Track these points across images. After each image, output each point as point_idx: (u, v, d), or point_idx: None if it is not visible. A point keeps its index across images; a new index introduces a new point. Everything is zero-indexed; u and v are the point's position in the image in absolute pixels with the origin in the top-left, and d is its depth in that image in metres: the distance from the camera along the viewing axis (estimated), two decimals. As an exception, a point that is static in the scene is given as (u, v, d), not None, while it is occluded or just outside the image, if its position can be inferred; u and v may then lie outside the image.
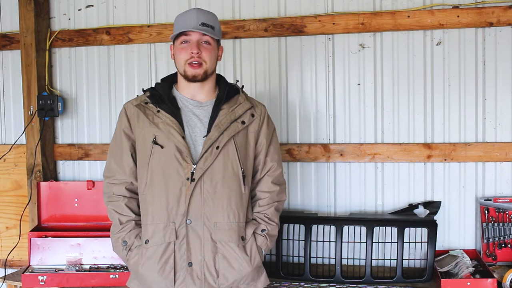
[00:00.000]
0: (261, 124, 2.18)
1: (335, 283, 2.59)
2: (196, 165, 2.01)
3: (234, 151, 2.07)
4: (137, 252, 2.06)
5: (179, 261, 2.02)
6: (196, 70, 2.05)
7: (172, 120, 2.05)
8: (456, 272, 2.49)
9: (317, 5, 2.89)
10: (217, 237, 2.03)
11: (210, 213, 2.02)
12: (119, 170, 2.14)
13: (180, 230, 2.02)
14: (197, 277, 2.01)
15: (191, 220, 2.01)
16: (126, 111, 2.16)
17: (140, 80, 3.13)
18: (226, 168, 2.05)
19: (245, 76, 2.96)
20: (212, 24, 2.08)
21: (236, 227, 2.06)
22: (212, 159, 2.03)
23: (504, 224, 2.67)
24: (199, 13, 2.08)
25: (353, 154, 2.85)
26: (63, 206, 3.02)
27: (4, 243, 3.33)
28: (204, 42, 2.06)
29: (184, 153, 2.02)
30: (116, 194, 2.12)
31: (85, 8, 3.20)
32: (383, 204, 2.87)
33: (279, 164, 2.23)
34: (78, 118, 3.24)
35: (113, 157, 2.18)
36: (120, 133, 2.16)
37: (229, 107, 2.12)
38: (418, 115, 2.81)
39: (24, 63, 3.14)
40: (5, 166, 3.31)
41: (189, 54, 2.05)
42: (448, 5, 2.74)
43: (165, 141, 2.04)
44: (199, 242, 2.02)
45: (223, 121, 2.07)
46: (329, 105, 2.91)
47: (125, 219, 2.10)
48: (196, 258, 2.02)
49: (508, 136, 2.73)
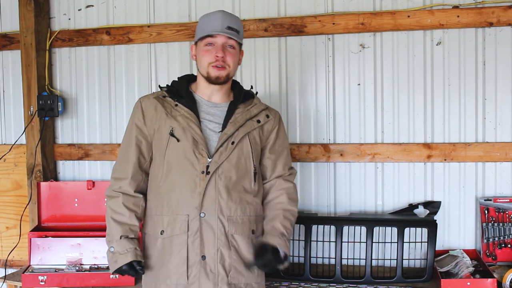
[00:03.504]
0: (275, 126, 2.23)
1: (335, 283, 2.59)
2: (211, 158, 2.03)
3: (248, 148, 2.11)
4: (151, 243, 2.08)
5: (191, 254, 2.02)
6: (220, 71, 2.07)
7: (190, 113, 2.07)
8: (456, 272, 2.49)
9: (317, 5, 2.89)
10: (230, 231, 2.04)
11: (223, 207, 2.03)
12: (123, 167, 2.13)
13: (193, 223, 2.02)
14: (210, 271, 2.02)
15: (205, 213, 2.02)
16: (141, 104, 2.15)
17: (140, 80, 3.13)
18: (240, 163, 2.08)
19: (245, 76, 2.96)
20: (237, 28, 2.10)
21: (247, 221, 2.08)
22: (227, 153, 2.05)
23: (504, 224, 2.67)
24: (225, 16, 2.09)
25: (353, 154, 2.85)
26: (63, 206, 3.02)
27: (4, 243, 3.33)
28: (229, 46, 2.08)
29: (200, 146, 2.03)
30: (116, 191, 2.11)
31: (85, 8, 3.20)
32: (383, 204, 2.87)
33: (291, 167, 2.27)
34: (78, 118, 3.24)
35: (120, 153, 2.17)
36: (131, 128, 2.15)
37: (245, 107, 2.16)
38: (418, 115, 2.81)
39: (24, 63, 3.14)
40: (5, 166, 3.31)
41: (214, 57, 2.06)
42: (448, 5, 2.74)
43: (181, 134, 2.05)
44: (212, 236, 2.02)
45: (238, 118, 2.11)
46: (329, 105, 2.91)
47: (120, 218, 2.07)
48: (209, 251, 2.02)
49: (508, 136, 2.73)
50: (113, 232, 2.06)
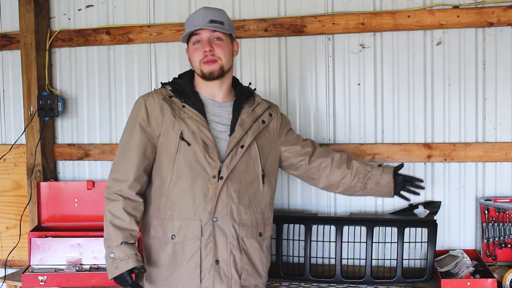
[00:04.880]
0: (280, 122, 2.28)
1: (335, 283, 2.59)
2: (222, 163, 2.02)
3: (256, 151, 2.11)
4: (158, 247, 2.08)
5: (204, 259, 2.01)
6: (211, 66, 2.06)
7: (199, 116, 2.05)
8: (456, 272, 2.49)
9: (317, 5, 2.89)
10: (241, 234, 2.04)
11: (234, 211, 2.03)
12: (124, 168, 2.07)
13: (206, 228, 2.01)
14: (224, 275, 2.02)
15: (217, 218, 2.01)
16: (145, 103, 2.09)
17: (140, 80, 3.13)
18: (249, 166, 2.08)
19: (245, 76, 2.96)
20: (221, 19, 2.08)
21: (255, 224, 2.09)
22: (238, 157, 2.05)
23: (504, 224, 2.67)
24: (207, 11, 2.09)
25: (353, 154, 2.85)
26: (63, 206, 3.01)
27: (4, 243, 3.33)
28: (216, 39, 2.07)
29: (211, 150, 2.02)
30: (116, 193, 2.05)
31: (85, 8, 3.20)
32: (383, 204, 2.87)
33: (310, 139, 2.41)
34: (78, 118, 3.24)
35: (120, 153, 2.11)
36: (134, 127, 2.08)
37: (249, 106, 2.16)
38: (418, 115, 2.81)
39: (24, 63, 3.14)
40: (5, 166, 3.31)
41: (203, 53, 2.05)
42: (448, 5, 2.74)
43: (191, 138, 2.03)
44: (225, 240, 2.02)
45: (246, 120, 2.10)
46: (329, 105, 2.91)
47: (118, 223, 2.02)
48: (222, 255, 2.02)
49: (508, 136, 2.73)
50: (113, 237, 2.00)
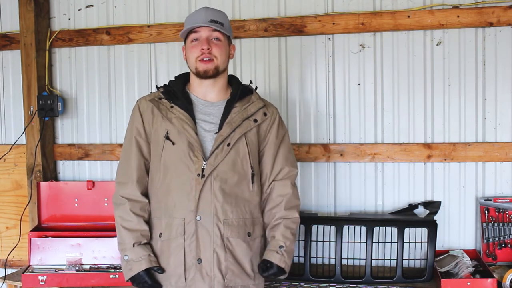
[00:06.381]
0: (271, 125, 2.17)
1: (335, 283, 2.59)
2: (206, 161, 2.02)
3: (245, 149, 2.08)
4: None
5: (188, 257, 2.01)
6: (207, 65, 2.06)
7: (185, 115, 2.06)
8: (456, 272, 2.49)
9: (317, 5, 2.89)
10: (226, 233, 2.03)
11: (219, 210, 2.02)
12: (126, 171, 2.12)
13: (189, 226, 2.01)
14: (206, 274, 2.01)
15: (201, 216, 2.01)
16: (139, 106, 2.15)
17: (140, 80, 3.13)
18: (236, 165, 2.06)
19: (245, 76, 2.96)
20: (221, 21, 2.09)
21: (243, 224, 2.07)
22: (223, 156, 2.03)
23: (504, 224, 2.67)
24: (208, 11, 2.09)
25: (353, 154, 2.85)
26: (63, 206, 3.01)
27: (4, 243, 3.33)
28: (214, 39, 2.07)
29: (195, 148, 2.02)
30: (122, 197, 2.09)
31: (85, 8, 3.20)
32: (383, 204, 2.87)
33: (291, 166, 2.18)
34: (78, 118, 3.24)
35: (121, 157, 2.16)
36: (131, 131, 2.14)
37: (242, 105, 2.13)
38: (418, 115, 2.81)
39: (24, 63, 3.14)
40: (5, 166, 3.31)
41: (200, 51, 2.05)
42: (448, 5, 2.74)
43: (177, 137, 2.04)
44: (208, 239, 2.01)
45: (235, 119, 2.08)
46: (329, 105, 2.91)
47: (128, 225, 2.06)
48: (205, 254, 2.01)
49: (508, 136, 2.73)
50: (125, 240, 2.05)
